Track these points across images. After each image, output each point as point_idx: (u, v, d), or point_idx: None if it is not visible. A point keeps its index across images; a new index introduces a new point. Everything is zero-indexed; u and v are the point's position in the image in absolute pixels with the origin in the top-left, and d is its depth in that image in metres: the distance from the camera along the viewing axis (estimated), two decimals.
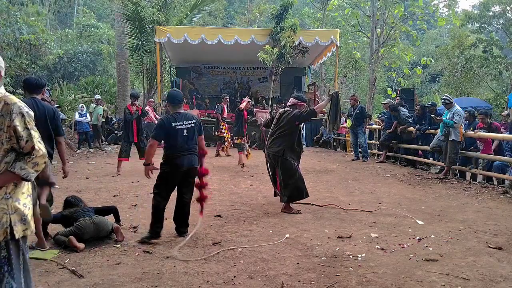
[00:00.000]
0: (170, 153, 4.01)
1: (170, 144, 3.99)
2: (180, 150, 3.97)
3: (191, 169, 4.06)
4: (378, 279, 3.05)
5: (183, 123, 3.98)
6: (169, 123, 3.95)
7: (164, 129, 3.97)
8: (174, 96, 4.17)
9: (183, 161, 3.97)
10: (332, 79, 24.04)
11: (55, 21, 29.28)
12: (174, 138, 3.95)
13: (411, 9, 19.88)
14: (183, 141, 3.97)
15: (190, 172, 4.07)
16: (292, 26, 14.09)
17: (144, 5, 16.20)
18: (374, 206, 5.40)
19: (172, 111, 4.12)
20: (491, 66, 20.35)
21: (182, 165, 3.96)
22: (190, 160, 4.02)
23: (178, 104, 4.12)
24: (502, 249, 3.71)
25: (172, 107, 4.14)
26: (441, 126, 7.85)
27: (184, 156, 3.98)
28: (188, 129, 4.01)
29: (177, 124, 3.95)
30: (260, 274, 3.15)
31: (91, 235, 3.88)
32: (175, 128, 3.94)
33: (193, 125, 4.05)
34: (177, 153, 3.97)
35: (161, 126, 4.00)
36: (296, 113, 5.08)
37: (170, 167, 3.99)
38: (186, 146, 4.00)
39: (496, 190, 6.67)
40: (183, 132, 3.97)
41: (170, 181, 4.02)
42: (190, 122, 4.03)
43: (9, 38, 16.44)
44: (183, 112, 4.12)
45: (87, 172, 8.39)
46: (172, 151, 3.99)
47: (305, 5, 32.05)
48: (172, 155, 3.99)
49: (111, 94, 21.00)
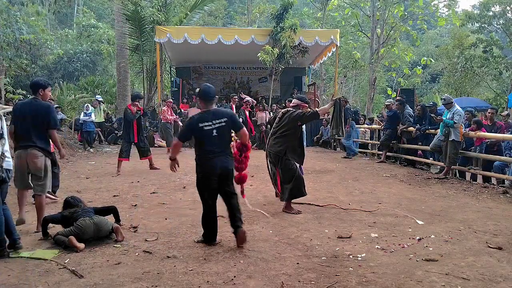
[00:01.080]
0: (200, 156, 3.75)
1: (200, 146, 3.74)
2: (210, 152, 3.68)
3: (226, 171, 3.75)
4: (378, 279, 3.05)
5: (211, 122, 3.66)
6: (196, 124, 3.67)
7: (190, 130, 3.74)
8: (207, 91, 3.83)
9: (215, 163, 3.68)
10: (332, 79, 24.05)
11: (55, 21, 29.31)
12: (202, 140, 3.69)
13: (411, 9, 19.89)
14: (212, 143, 3.67)
15: (225, 174, 3.76)
16: (292, 26, 14.09)
17: (144, 5, 16.20)
18: (374, 206, 5.40)
19: (203, 108, 3.83)
20: (491, 66, 20.35)
21: (214, 168, 3.67)
22: (223, 162, 3.71)
23: (210, 100, 3.81)
24: (502, 249, 3.71)
25: (203, 103, 3.83)
26: (441, 126, 7.85)
27: (215, 159, 3.68)
28: (218, 129, 3.68)
29: (205, 124, 3.65)
30: (260, 274, 3.15)
31: (91, 235, 3.88)
32: (202, 129, 3.65)
33: (223, 124, 3.70)
34: (208, 155, 3.69)
35: (189, 127, 3.78)
36: (299, 113, 5.09)
37: (203, 172, 3.73)
38: (217, 147, 3.69)
39: (496, 190, 6.67)
40: (212, 133, 3.66)
41: (208, 187, 3.75)
42: (220, 121, 3.69)
43: (9, 38, 16.43)
44: (214, 110, 3.80)
45: (87, 172, 8.39)
46: (201, 153, 3.73)
47: (305, 5, 32.05)
48: (202, 158, 3.73)
49: (111, 94, 21.00)
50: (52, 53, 22.48)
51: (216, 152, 3.68)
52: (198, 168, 3.76)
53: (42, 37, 20.53)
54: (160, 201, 5.70)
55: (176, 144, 3.90)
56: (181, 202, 5.66)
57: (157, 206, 5.41)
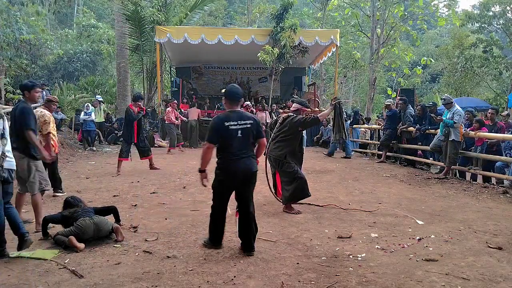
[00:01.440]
0: (223, 157, 3.57)
1: (223, 147, 3.54)
2: (235, 153, 3.52)
3: (250, 174, 3.60)
4: (378, 279, 3.05)
5: (237, 122, 3.51)
6: (221, 123, 3.50)
7: (217, 130, 3.51)
8: (234, 91, 3.67)
9: (239, 165, 3.53)
10: (332, 79, 24.06)
11: (55, 21, 29.31)
12: (227, 140, 3.51)
13: (411, 9, 19.90)
14: (237, 143, 3.52)
15: (248, 177, 3.62)
16: (292, 26, 14.09)
17: (144, 5, 16.22)
18: (374, 206, 5.40)
19: (228, 108, 3.66)
20: (491, 66, 20.35)
21: (238, 170, 3.53)
22: (247, 164, 3.56)
23: (237, 101, 3.65)
24: (502, 249, 3.71)
25: (229, 103, 3.66)
26: (441, 126, 7.85)
27: (239, 160, 3.53)
28: (243, 130, 3.53)
29: (231, 124, 3.50)
30: (260, 274, 3.15)
31: (91, 235, 3.89)
32: (228, 129, 3.49)
33: (249, 126, 3.56)
34: (232, 157, 3.52)
35: (215, 126, 3.54)
36: (300, 119, 5.11)
37: (224, 174, 3.56)
38: (241, 149, 3.54)
39: (496, 190, 6.67)
40: (237, 133, 3.51)
41: (225, 191, 3.64)
42: (245, 123, 3.55)
43: (9, 38, 16.44)
44: (239, 111, 3.65)
45: (87, 172, 8.39)
46: (225, 154, 3.55)
47: (305, 5, 32.07)
48: (225, 159, 3.55)
49: (111, 94, 21.01)
50: (52, 53, 22.48)
51: (239, 154, 3.53)
52: (220, 170, 3.58)
53: (42, 37, 20.54)
54: (160, 201, 5.70)
55: (209, 148, 3.52)
56: (181, 202, 5.66)
57: (157, 206, 5.41)
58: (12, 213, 3.62)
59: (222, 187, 3.61)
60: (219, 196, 3.67)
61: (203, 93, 18.21)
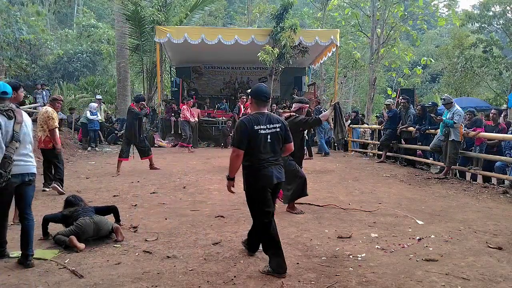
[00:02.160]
0: (252, 164, 3.26)
1: (252, 153, 3.23)
2: (265, 160, 3.25)
3: (280, 183, 3.37)
4: (378, 279, 3.05)
5: (266, 126, 3.25)
6: (251, 126, 3.20)
7: (246, 133, 3.19)
8: (262, 91, 3.39)
9: (271, 173, 3.25)
10: (332, 79, 24.06)
11: (55, 21, 29.34)
12: (255, 146, 3.21)
13: (411, 9, 19.90)
14: (266, 149, 3.25)
15: (278, 186, 3.40)
16: (292, 26, 14.09)
17: (144, 5, 16.22)
18: (374, 206, 5.39)
19: (255, 110, 3.37)
20: (491, 66, 20.35)
21: (271, 177, 3.24)
22: (278, 172, 3.32)
23: (265, 102, 3.38)
24: (502, 249, 3.71)
25: (256, 104, 3.36)
26: (441, 126, 7.85)
27: (270, 168, 3.26)
28: (272, 135, 3.27)
29: (260, 127, 3.22)
30: (260, 274, 3.15)
31: (91, 235, 3.89)
32: (257, 133, 3.20)
33: (278, 130, 3.31)
34: (263, 164, 3.24)
35: (243, 130, 3.20)
36: (302, 119, 5.10)
37: (258, 183, 3.25)
38: (271, 155, 3.28)
39: (496, 190, 6.67)
40: (267, 138, 3.24)
41: (265, 199, 3.29)
42: (274, 126, 3.29)
43: (9, 38, 16.45)
44: (267, 113, 3.36)
45: (87, 172, 8.39)
46: (255, 162, 3.24)
47: (305, 5, 32.07)
48: (256, 167, 3.25)
49: (111, 94, 21.03)
50: (52, 53, 22.50)
51: (271, 160, 3.27)
52: (251, 180, 3.27)
53: (42, 37, 20.57)
54: (160, 201, 5.70)
55: (238, 155, 3.21)
56: (181, 202, 5.66)
57: (157, 206, 5.41)
58: (27, 225, 3.45)
59: (258, 196, 3.28)
60: (258, 207, 3.30)
61: (203, 93, 18.21)
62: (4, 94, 3.43)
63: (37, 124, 6.31)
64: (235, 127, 3.34)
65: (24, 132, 3.43)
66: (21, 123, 3.41)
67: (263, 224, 3.26)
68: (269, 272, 3.14)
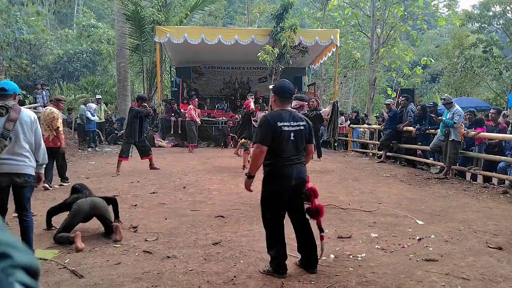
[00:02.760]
0: (273, 162, 3.12)
1: (273, 150, 3.09)
2: (286, 159, 3.10)
3: (301, 182, 3.19)
4: (378, 279, 3.05)
5: (290, 124, 3.11)
6: (274, 122, 3.07)
7: (270, 130, 3.06)
8: (286, 87, 3.24)
9: (291, 172, 3.10)
10: (332, 79, 24.06)
11: (55, 21, 29.33)
12: (279, 142, 3.07)
13: (411, 9, 19.92)
14: (290, 147, 3.11)
15: (299, 187, 3.20)
16: (292, 26, 14.10)
17: (144, 5, 16.22)
18: (374, 206, 5.40)
19: (278, 107, 3.23)
20: (491, 66, 20.35)
21: (290, 177, 3.10)
22: (299, 171, 3.16)
23: (288, 99, 3.26)
24: (502, 249, 3.71)
25: (279, 101, 3.23)
26: (441, 126, 7.85)
27: (291, 167, 3.11)
28: (296, 133, 3.13)
29: (284, 124, 3.09)
30: (260, 274, 3.15)
31: (87, 211, 4.02)
32: (281, 130, 3.07)
33: (302, 128, 3.17)
34: (283, 163, 3.10)
35: (267, 126, 3.09)
36: (303, 114, 5.11)
37: (276, 183, 3.12)
38: (294, 154, 3.13)
39: (496, 190, 6.67)
40: (290, 136, 3.10)
41: (279, 202, 3.16)
42: (298, 124, 3.16)
43: (9, 38, 16.45)
44: (290, 111, 3.24)
45: (87, 172, 8.39)
46: (276, 159, 3.10)
47: (305, 5, 32.06)
48: (276, 165, 3.12)
49: (111, 94, 21.02)
50: (52, 53, 22.50)
51: (292, 159, 3.12)
52: (269, 179, 3.14)
53: (42, 37, 20.57)
54: (160, 201, 5.70)
55: (262, 151, 3.06)
56: (181, 202, 5.66)
57: (157, 206, 5.41)
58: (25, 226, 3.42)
59: (273, 198, 3.14)
60: (270, 209, 3.17)
61: (203, 93, 18.22)
62: (2, 91, 3.40)
63: (42, 124, 6.49)
64: (258, 123, 3.18)
65: (18, 131, 3.35)
66: (15, 121, 3.33)
67: (272, 226, 3.16)
68: (269, 272, 3.12)
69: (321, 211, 3.25)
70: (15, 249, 0.68)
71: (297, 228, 3.25)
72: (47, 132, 6.52)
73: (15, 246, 0.68)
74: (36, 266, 0.70)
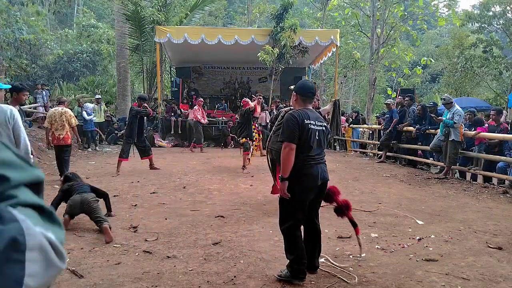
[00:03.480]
0: (299, 160, 2.99)
1: (301, 148, 2.99)
2: (311, 158, 3.02)
3: (325, 183, 3.15)
4: (378, 279, 3.05)
5: (315, 122, 3.03)
6: (302, 120, 2.97)
7: (297, 127, 2.96)
8: (309, 87, 3.18)
9: (317, 172, 3.01)
10: (332, 79, 24.06)
11: (55, 21, 29.32)
12: (306, 140, 2.98)
13: (411, 9, 19.91)
14: (316, 146, 3.03)
15: (323, 187, 3.15)
16: (292, 26, 14.10)
17: (144, 5, 16.22)
18: (374, 206, 5.39)
19: (300, 106, 3.16)
20: (491, 66, 20.35)
21: (317, 177, 3.00)
22: (324, 171, 3.10)
23: (310, 98, 3.16)
24: (502, 249, 3.71)
25: (301, 101, 3.16)
26: (441, 126, 7.85)
27: (317, 166, 3.04)
28: (320, 132, 3.06)
29: (310, 122, 3.00)
30: (260, 274, 3.15)
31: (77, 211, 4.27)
32: (309, 128, 2.98)
33: (324, 129, 3.13)
34: (309, 162, 3.00)
35: (294, 122, 2.96)
36: None
37: (303, 182, 2.99)
38: (318, 153, 3.07)
39: (496, 190, 6.67)
40: (316, 134, 3.02)
41: (304, 201, 3.03)
42: (321, 124, 3.11)
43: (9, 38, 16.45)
44: (313, 110, 3.19)
45: (87, 172, 8.38)
46: (301, 158, 2.99)
47: (305, 5, 32.06)
48: (302, 164, 2.99)
49: (111, 94, 21.01)
50: (52, 53, 22.49)
51: (317, 158, 3.06)
52: (295, 178, 2.98)
53: (42, 37, 20.56)
54: (160, 201, 5.70)
55: (292, 149, 2.95)
56: (181, 202, 5.66)
57: (157, 206, 5.41)
58: None
59: (299, 197, 2.99)
60: (294, 208, 3.02)
61: (203, 93, 18.20)
62: None
63: (54, 124, 7.14)
64: (284, 121, 3.10)
65: None
66: None
67: (291, 230, 3.03)
68: (287, 277, 3.00)
69: (349, 205, 3.33)
70: (11, 167, 0.59)
71: (307, 227, 3.18)
72: (59, 131, 7.12)
73: (10, 164, 0.60)
74: (39, 178, 0.64)
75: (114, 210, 4.95)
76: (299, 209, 3.01)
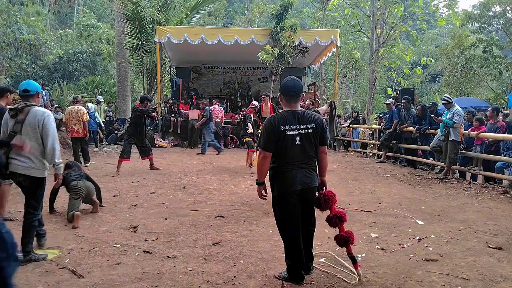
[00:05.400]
0: (276, 167, 2.98)
1: (277, 154, 2.95)
2: (291, 163, 2.94)
3: (308, 189, 3.01)
4: (378, 279, 3.05)
5: (295, 127, 2.93)
6: (277, 126, 2.91)
7: (273, 134, 2.91)
8: (288, 86, 3.02)
9: (294, 177, 2.93)
10: (332, 79, 24.06)
11: (55, 21, 29.32)
12: (281, 148, 2.92)
13: (411, 9, 19.92)
14: (293, 152, 2.93)
15: (306, 193, 3.02)
16: (292, 26, 14.09)
17: (144, 5, 16.21)
18: (374, 206, 5.40)
19: (286, 107, 3.04)
20: (491, 66, 20.34)
21: (294, 182, 2.93)
22: (305, 176, 2.97)
23: (294, 97, 3.00)
24: (502, 249, 3.71)
25: (285, 101, 3.03)
26: (441, 126, 7.85)
27: (296, 170, 2.94)
28: (302, 136, 2.94)
29: (288, 128, 2.91)
30: (260, 274, 3.15)
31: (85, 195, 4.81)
32: (284, 134, 2.90)
33: (310, 131, 2.96)
34: (286, 167, 2.94)
35: (269, 130, 2.93)
36: None
37: (280, 188, 2.97)
38: (299, 159, 2.95)
39: (496, 190, 6.66)
40: (295, 140, 2.92)
41: (288, 206, 2.98)
42: (306, 127, 2.95)
43: (9, 38, 16.45)
44: (298, 111, 3.00)
45: (87, 172, 8.37)
46: (279, 164, 2.96)
47: (305, 5, 32.07)
48: (279, 169, 2.97)
49: (111, 94, 21.02)
50: (52, 53, 22.50)
51: (298, 164, 2.95)
52: (274, 183, 3.01)
53: (42, 37, 20.55)
54: (160, 201, 5.70)
55: (265, 157, 2.94)
56: (181, 202, 5.66)
57: (157, 206, 5.41)
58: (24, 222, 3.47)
59: (281, 204, 2.99)
60: (281, 217, 3.03)
61: (203, 93, 18.21)
62: (25, 92, 3.54)
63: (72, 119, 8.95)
64: (263, 126, 3.04)
65: (24, 132, 3.43)
66: (21, 123, 3.43)
67: (286, 233, 3.03)
68: (285, 278, 3.01)
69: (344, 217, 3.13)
70: None
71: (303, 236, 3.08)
72: (77, 125, 8.92)
73: None
74: None
75: (114, 210, 5.04)
76: (286, 211, 2.98)
